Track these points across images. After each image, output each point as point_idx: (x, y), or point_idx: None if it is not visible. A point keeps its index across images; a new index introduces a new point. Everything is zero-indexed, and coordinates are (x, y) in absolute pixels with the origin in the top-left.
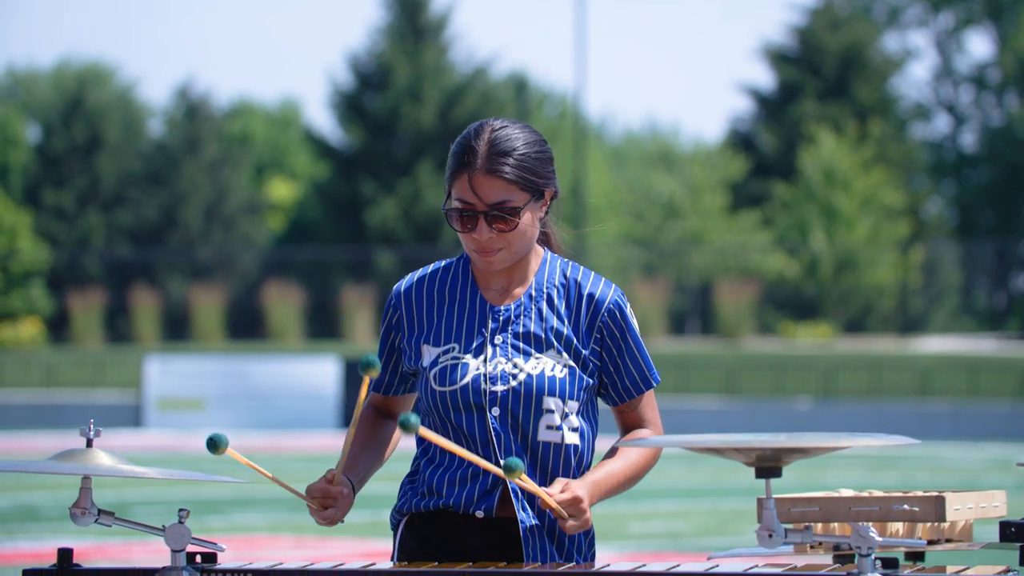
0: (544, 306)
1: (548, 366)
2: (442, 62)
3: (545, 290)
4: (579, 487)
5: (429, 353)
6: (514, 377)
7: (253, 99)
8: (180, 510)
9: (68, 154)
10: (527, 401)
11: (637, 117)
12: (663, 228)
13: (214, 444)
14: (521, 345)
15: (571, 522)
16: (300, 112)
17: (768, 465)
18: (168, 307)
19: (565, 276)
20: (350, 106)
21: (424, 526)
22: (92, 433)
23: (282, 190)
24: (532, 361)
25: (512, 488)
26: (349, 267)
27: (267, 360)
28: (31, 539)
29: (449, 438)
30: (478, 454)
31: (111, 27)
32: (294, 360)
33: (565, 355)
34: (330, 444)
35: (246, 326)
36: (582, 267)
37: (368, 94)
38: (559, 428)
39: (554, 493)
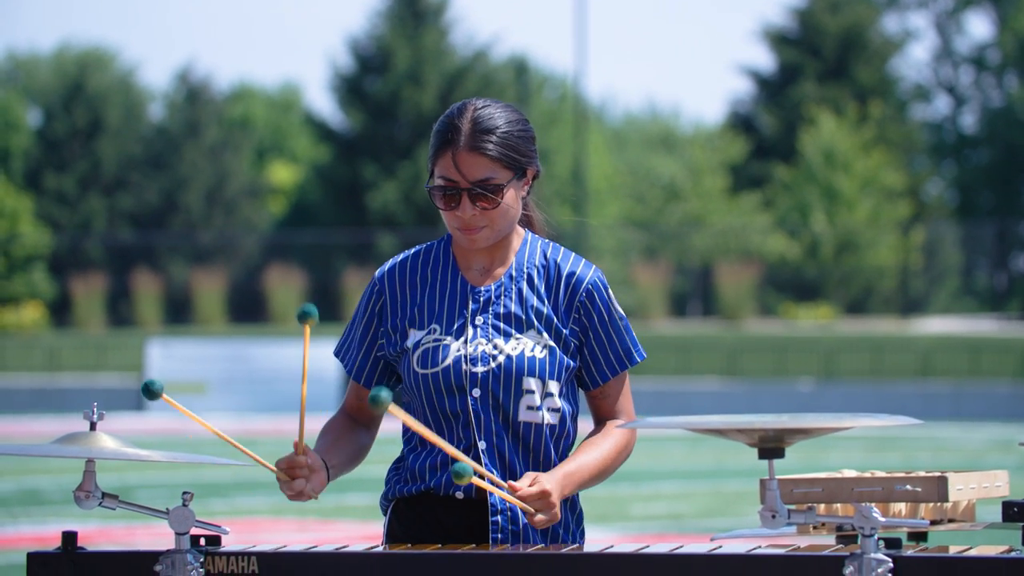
0: (524, 286)
1: (528, 347)
2: (442, 45)
3: (525, 270)
4: (548, 480)
5: (413, 335)
6: (494, 359)
7: (254, 83)
8: (184, 493)
9: (69, 138)
10: (507, 382)
11: (637, 99)
12: (664, 210)
13: (149, 390)
14: (501, 326)
15: (539, 516)
16: (301, 96)
17: (771, 446)
18: (170, 291)
19: (545, 256)
20: (351, 89)
21: (409, 510)
22: (96, 416)
23: (283, 174)
24: (512, 342)
25: (488, 468)
26: (350, 250)
27: (269, 343)
28: (35, 523)
29: (431, 420)
30: (459, 436)
31: (112, 11)
32: (295, 343)
33: (545, 335)
34: None
35: (248, 310)
36: (563, 248)
37: (369, 77)
38: (539, 408)
39: (521, 487)
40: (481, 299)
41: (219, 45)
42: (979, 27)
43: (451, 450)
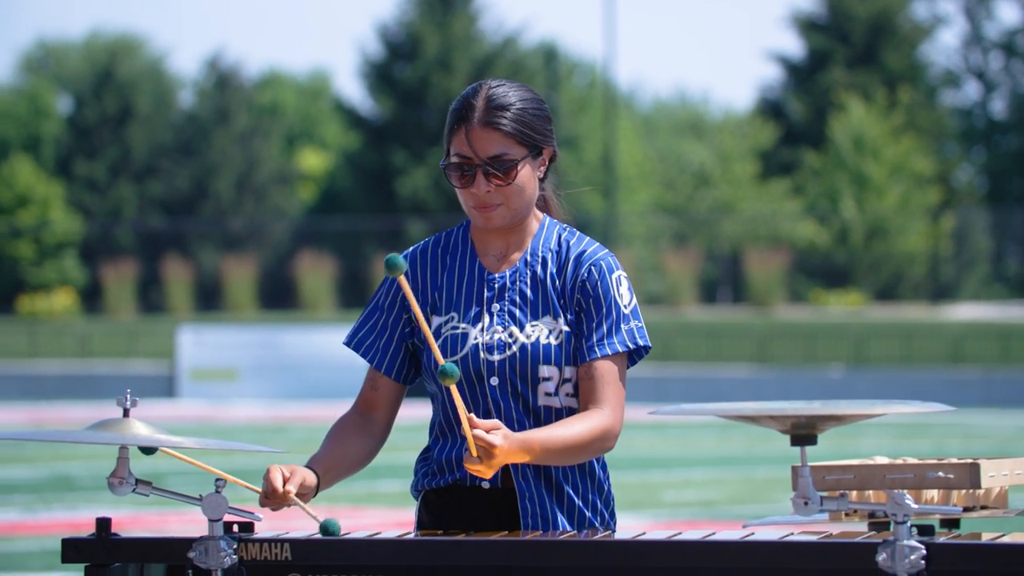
0: (539, 270)
1: (543, 333)
2: (472, 31)
3: (540, 254)
4: (504, 439)
5: (434, 321)
6: (509, 347)
7: (283, 70)
8: (217, 480)
9: (99, 125)
10: (523, 370)
11: (667, 86)
12: (693, 197)
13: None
14: (517, 313)
15: (474, 464)
16: (330, 82)
17: (803, 433)
18: (200, 278)
19: (559, 240)
20: (380, 76)
21: (438, 501)
22: (129, 403)
23: (313, 160)
24: (528, 329)
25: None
26: (380, 237)
27: (299, 330)
28: (68, 509)
29: (450, 408)
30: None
31: None
32: (326, 330)
33: (560, 320)
34: None
35: (278, 296)
36: (579, 233)
37: (398, 64)
38: (555, 395)
39: (480, 425)
40: (496, 286)
41: (249, 32)
42: (1009, 13)
43: (470, 437)
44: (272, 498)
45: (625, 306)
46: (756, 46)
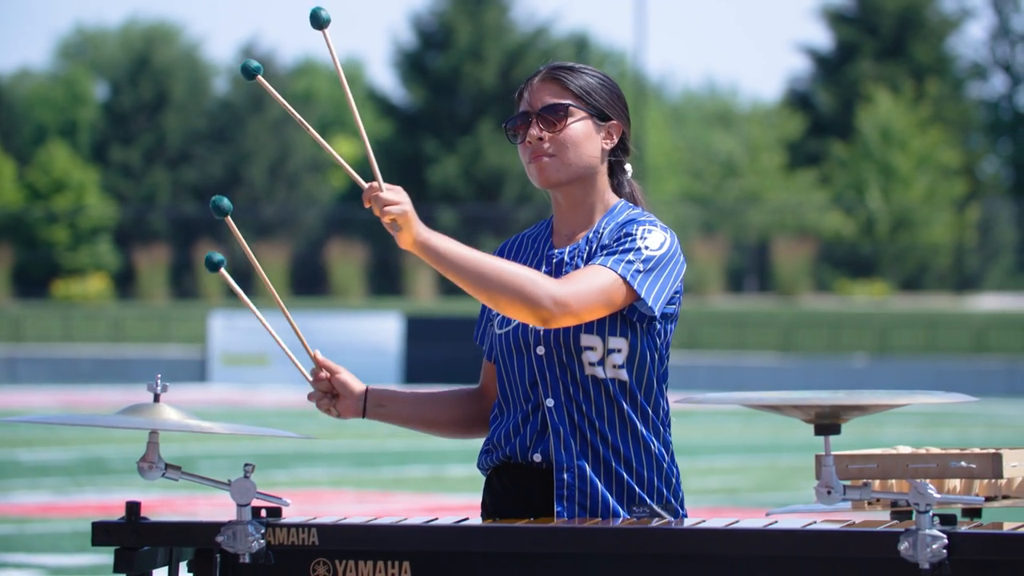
0: (596, 246)
1: None
2: (503, 21)
3: (602, 230)
4: (403, 198)
5: None
6: None
7: (317, 58)
8: (245, 465)
9: (135, 112)
10: (565, 339)
11: (696, 76)
12: (721, 187)
13: (218, 208)
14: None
15: (395, 232)
16: (363, 71)
17: (827, 422)
18: (232, 263)
19: (621, 217)
20: (412, 65)
21: (497, 480)
22: (159, 388)
23: (345, 148)
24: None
25: (552, 426)
26: None
27: (330, 317)
28: (99, 492)
29: (507, 381)
30: (528, 394)
31: None
32: (357, 317)
33: None
34: None
35: (309, 283)
36: (647, 213)
37: (430, 53)
38: (598, 365)
39: (381, 187)
40: (554, 261)
41: (283, 20)
42: None
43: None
44: (316, 375)
45: (645, 247)
46: (785, 38)
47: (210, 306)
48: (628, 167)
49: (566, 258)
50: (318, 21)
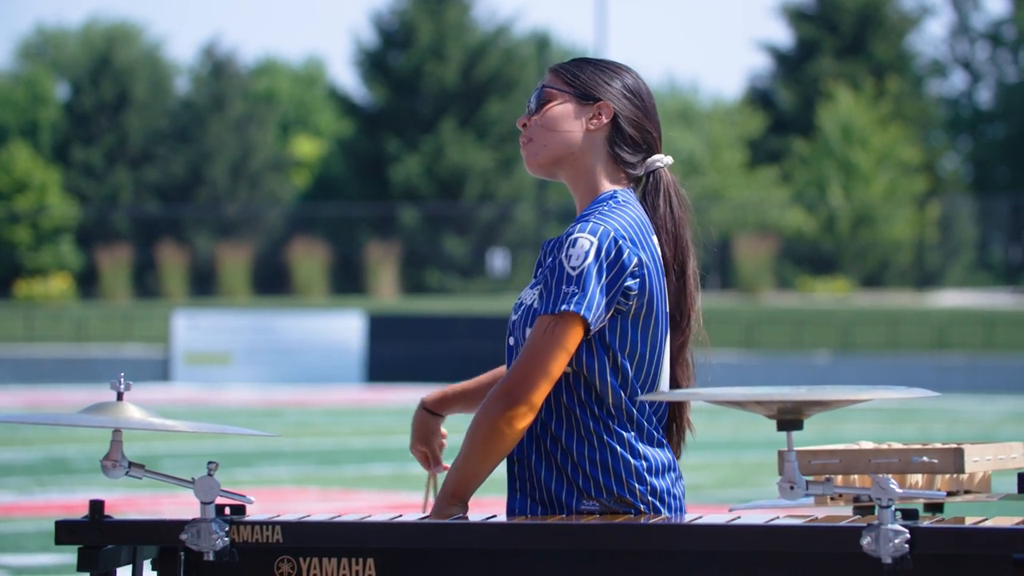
0: (545, 264)
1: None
2: (464, 20)
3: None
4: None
5: None
6: (519, 308)
7: (278, 57)
8: (209, 463)
9: (96, 112)
10: (524, 331)
11: (657, 74)
12: (683, 184)
13: None
14: (538, 276)
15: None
16: (324, 70)
17: (789, 418)
18: (195, 263)
19: (589, 212)
20: (374, 64)
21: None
22: (122, 387)
23: (307, 147)
24: (534, 292)
25: None
26: (373, 223)
27: (293, 315)
28: (63, 491)
29: (509, 364)
30: None
31: None
32: (319, 315)
33: None
34: (355, 398)
35: (272, 282)
36: (608, 207)
37: (392, 52)
38: None
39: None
40: (544, 252)
41: (244, 20)
42: (995, 3)
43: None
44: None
45: (571, 268)
46: (746, 36)
47: (172, 305)
48: (662, 157)
49: (550, 249)
50: None
